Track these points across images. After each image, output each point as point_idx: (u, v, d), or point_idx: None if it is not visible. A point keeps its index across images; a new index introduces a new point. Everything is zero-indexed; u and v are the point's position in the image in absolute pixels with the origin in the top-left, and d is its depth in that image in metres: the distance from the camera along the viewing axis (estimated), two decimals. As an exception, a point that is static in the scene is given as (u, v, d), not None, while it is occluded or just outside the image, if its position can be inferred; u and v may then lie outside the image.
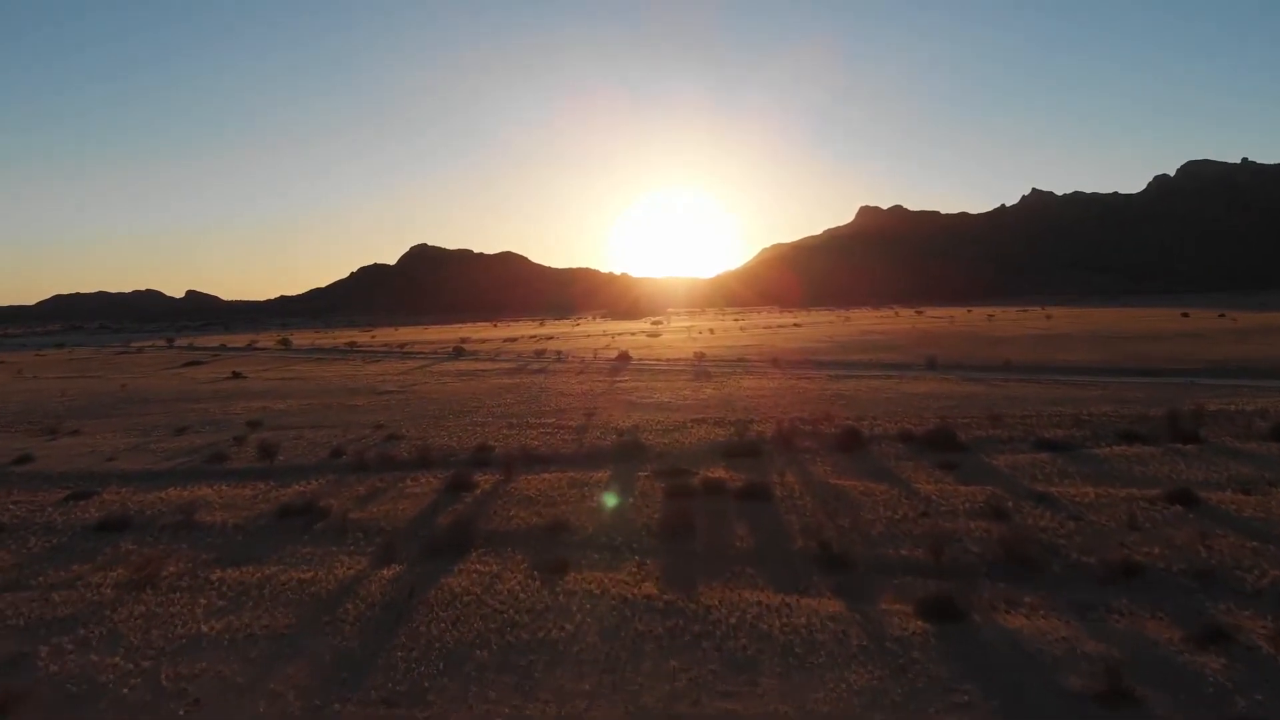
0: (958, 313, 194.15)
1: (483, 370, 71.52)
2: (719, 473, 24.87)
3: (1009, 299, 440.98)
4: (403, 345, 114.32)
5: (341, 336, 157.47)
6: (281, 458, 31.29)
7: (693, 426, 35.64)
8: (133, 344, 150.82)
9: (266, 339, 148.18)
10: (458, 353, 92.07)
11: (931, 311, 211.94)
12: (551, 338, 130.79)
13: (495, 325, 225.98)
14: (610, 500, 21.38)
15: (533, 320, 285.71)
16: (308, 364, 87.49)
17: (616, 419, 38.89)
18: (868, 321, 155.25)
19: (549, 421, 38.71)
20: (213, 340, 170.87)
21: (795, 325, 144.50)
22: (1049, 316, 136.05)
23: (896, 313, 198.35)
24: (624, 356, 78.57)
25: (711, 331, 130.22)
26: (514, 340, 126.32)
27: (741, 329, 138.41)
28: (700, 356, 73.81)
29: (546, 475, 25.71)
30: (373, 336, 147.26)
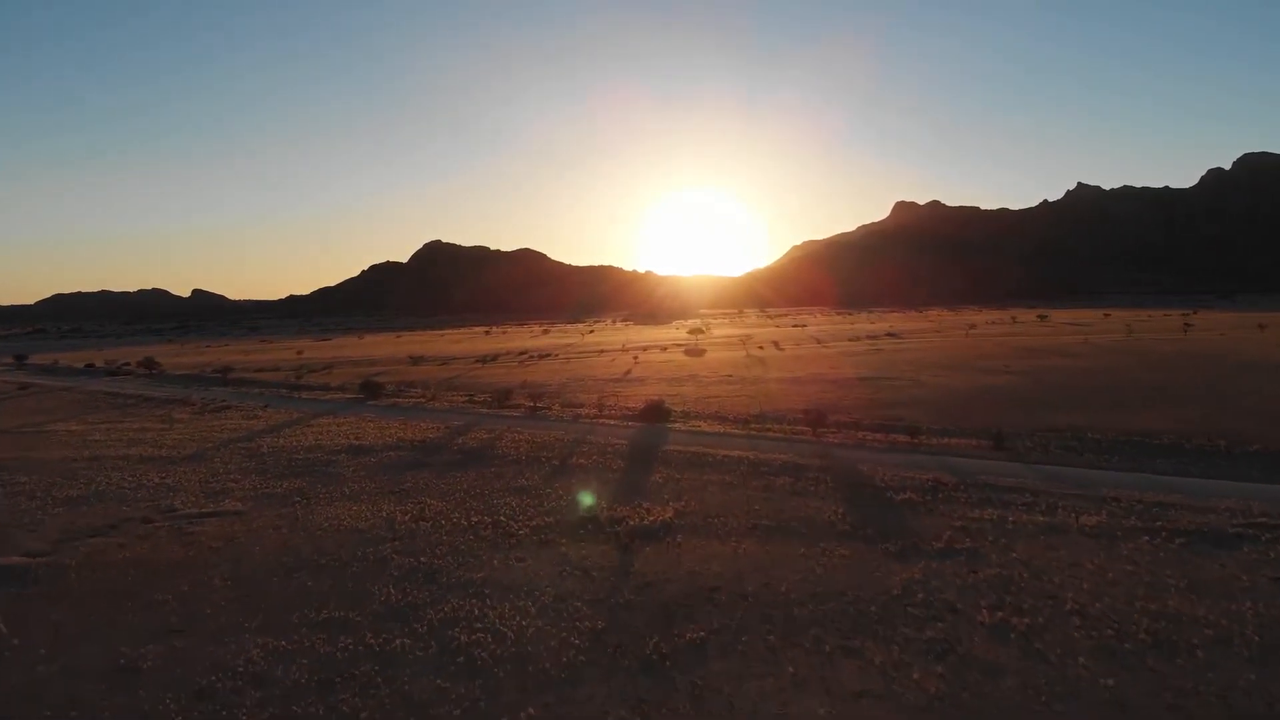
0: (1081, 314, 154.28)
1: (364, 451, 33.85)
2: None
3: (1070, 300, 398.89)
4: (308, 376, 76.40)
5: (278, 350, 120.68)
6: None
7: None
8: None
9: (169, 352, 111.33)
10: (368, 393, 54.48)
11: (1060, 315, 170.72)
12: (547, 355, 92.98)
13: (488, 332, 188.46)
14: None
15: (541, 323, 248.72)
16: (92, 418, 50.45)
17: None
18: (995, 331, 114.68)
19: None
20: (141, 349, 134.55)
21: (889, 334, 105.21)
22: (1263, 326, 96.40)
23: (1014, 318, 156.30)
24: (653, 409, 40.86)
25: (777, 345, 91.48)
26: (493, 359, 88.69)
27: (818, 342, 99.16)
28: (816, 419, 35.39)
29: None
30: (299, 354, 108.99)
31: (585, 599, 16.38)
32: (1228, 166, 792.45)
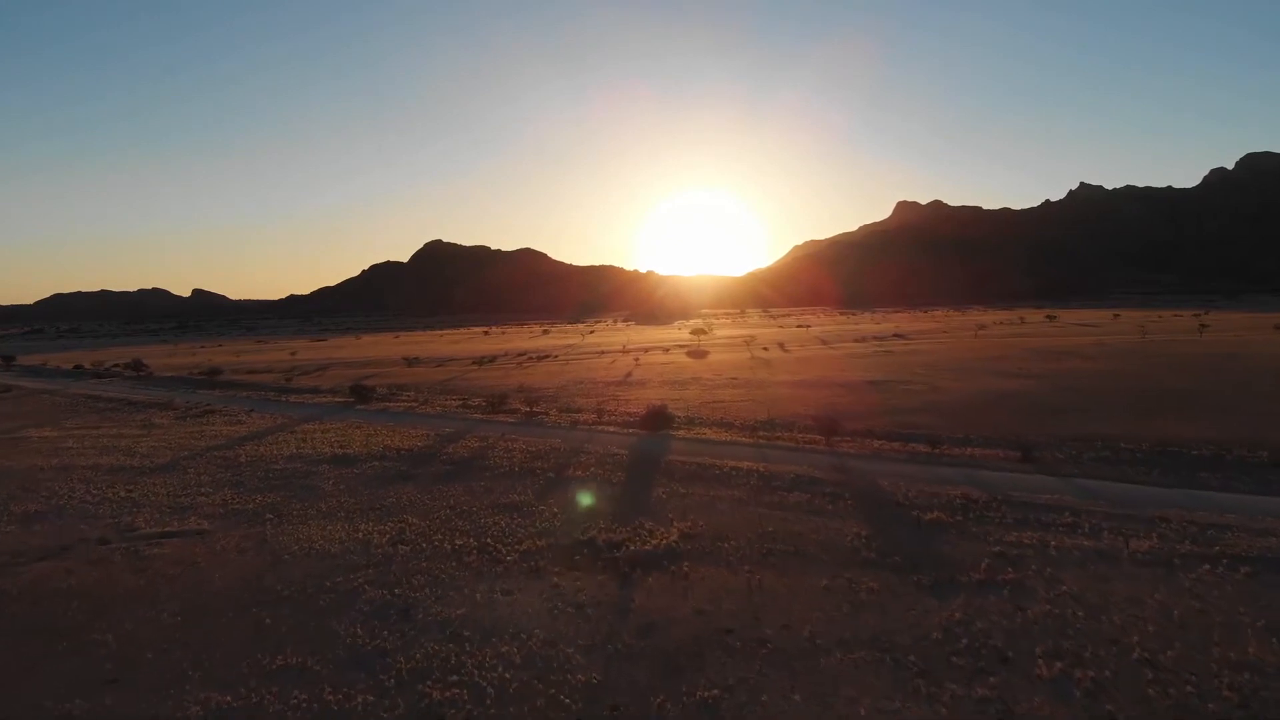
0: (1090, 315, 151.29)
1: (348, 461, 31.85)
2: None
3: (1074, 300, 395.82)
4: (300, 378, 74.48)
5: (272, 350, 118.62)
6: None
7: None
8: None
9: (162, 353, 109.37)
10: (359, 396, 52.52)
11: (1067, 316, 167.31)
12: (546, 356, 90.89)
13: (488, 333, 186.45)
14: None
15: (541, 323, 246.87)
16: (69, 423, 48.51)
17: None
18: (1004, 332, 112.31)
19: None
20: (135, 350, 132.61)
21: (896, 335, 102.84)
22: (1278, 327, 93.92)
23: (1022, 318, 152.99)
24: (656, 415, 38.77)
25: (782, 347, 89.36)
26: (491, 360, 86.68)
27: (823, 343, 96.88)
28: (829, 427, 33.33)
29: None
30: (293, 355, 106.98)
31: (578, 644, 14.31)
32: (1230, 166, 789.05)
